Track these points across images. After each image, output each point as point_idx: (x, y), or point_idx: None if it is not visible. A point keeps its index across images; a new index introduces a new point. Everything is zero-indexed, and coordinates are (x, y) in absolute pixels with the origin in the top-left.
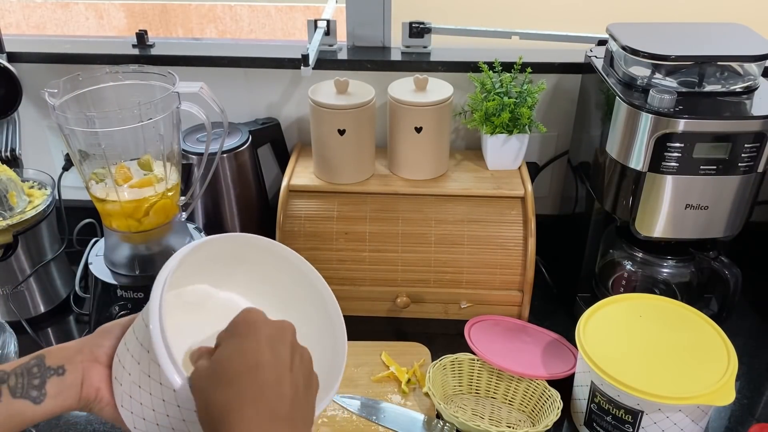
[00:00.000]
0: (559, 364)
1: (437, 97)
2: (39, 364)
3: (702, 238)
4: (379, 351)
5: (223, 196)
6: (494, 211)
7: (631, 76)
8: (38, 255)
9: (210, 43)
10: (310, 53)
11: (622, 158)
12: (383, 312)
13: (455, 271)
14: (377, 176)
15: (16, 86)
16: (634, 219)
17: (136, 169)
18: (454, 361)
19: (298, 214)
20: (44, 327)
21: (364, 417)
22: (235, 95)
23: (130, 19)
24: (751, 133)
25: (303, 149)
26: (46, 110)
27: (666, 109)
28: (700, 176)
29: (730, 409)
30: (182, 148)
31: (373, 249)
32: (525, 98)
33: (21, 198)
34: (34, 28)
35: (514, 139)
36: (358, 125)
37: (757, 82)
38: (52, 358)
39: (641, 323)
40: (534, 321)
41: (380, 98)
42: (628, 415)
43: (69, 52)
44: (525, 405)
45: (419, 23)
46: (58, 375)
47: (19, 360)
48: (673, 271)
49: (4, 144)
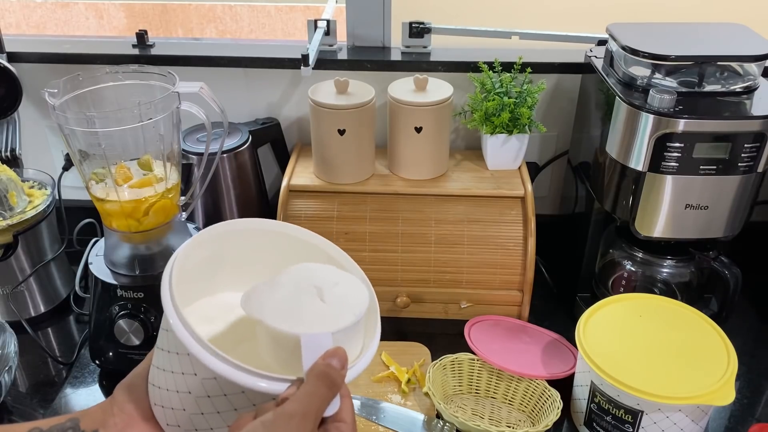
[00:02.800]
0: (559, 364)
1: (437, 97)
2: (74, 427)
3: (702, 238)
4: (379, 351)
5: (223, 196)
6: (494, 211)
7: (631, 76)
8: (38, 255)
9: (210, 43)
10: (310, 53)
11: (622, 158)
12: (383, 312)
13: (455, 271)
14: (377, 176)
15: (16, 86)
16: (634, 219)
17: (136, 169)
18: (454, 361)
19: (298, 214)
20: (44, 327)
21: (364, 417)
22: (235, 95)
23: (130, 19)
24: (751, 133)
25: (303, 149)
26: (46, 110)
27: (666, 109)
28: (700, 176)
29: (730, 409)
30: (182, 148)
31: (373, 249)
32: (525, 98)
33: (21, 198)
34: (34, 28)
35: (514, 139)
36: (358, 125)
37: (757, 82)
38: (87, 422)
39: (641, 323)
40: (534, 321)
41: (380, 98)
42: (628, 415)
43: (69, 52)
44: (525, 405)
45: (419, 23)
46: None
47: (52, 419)
48: (673, 271)
49: (4, 144)
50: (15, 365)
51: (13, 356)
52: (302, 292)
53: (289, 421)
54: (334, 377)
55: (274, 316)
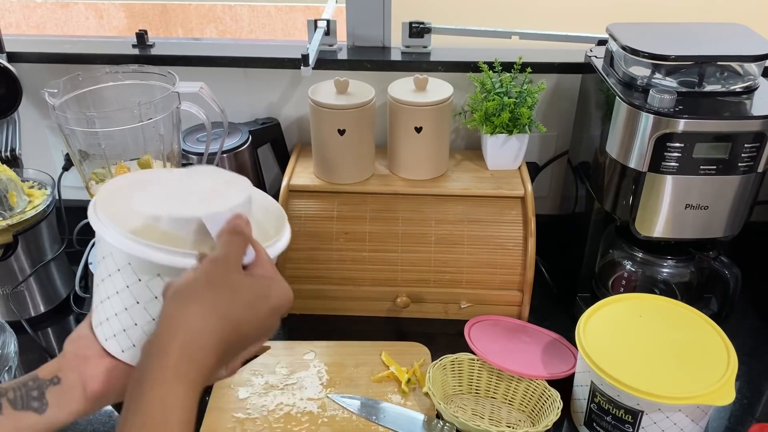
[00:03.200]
0: (559, 364)
1: (437, 97)
2: (34, 378)
3: (702, 238)
4: (379, 351)
5: None
6: (494, 211)
7: (631, 76)
8: (38, 255)
9: (210, 43)
10: (310, 53)
11: (622, 158)
12: (383, 312)
13: (455, 271)
14: (377, 176)
15: (16, 86)
16: (634, 219)
17: (136, 169)
18: (454, 361)
19: (298, 214)
20: (44, 327)
21: (364, 417)
22: (235, 95)
23: (130, 19)
24: (751, 133)
25: (303, 149)
26: (46, 110)
27: (666, 109)
28: (700, 176)
29: (730, 409)
30: (182, 148)
31: (373, 249)
32: (525, 98)
33: (21, 198)
34: (34, 28)
35: (514, 139)
36: (358, 125)
37: (757, 82)
38: (44, 372)
39: (641, 323)
40: (534, 321)
41: (380, 98)
42: (628, 415)
43: (69, 52)
44: (525, 405)
45: (419, 23)
46: (54, 384)
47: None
48: (673, 271)
49: (4, 144)
50: (15, 365)
51: (13, 356)
52: (193, 184)
53: (214, 264)
54: (242, 227)
55: (173, 208)
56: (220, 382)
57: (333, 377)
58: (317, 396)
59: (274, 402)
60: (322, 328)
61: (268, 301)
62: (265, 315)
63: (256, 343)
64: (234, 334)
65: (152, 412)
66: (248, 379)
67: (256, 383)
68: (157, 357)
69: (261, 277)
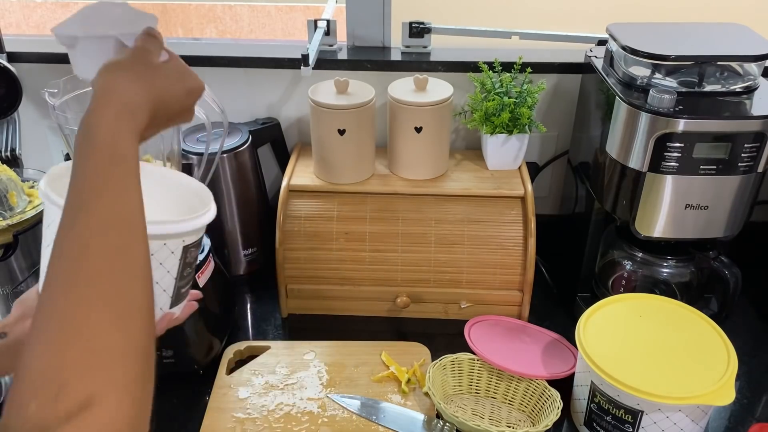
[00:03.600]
0: (559, 364)
1: (437, 97)
2: None
3: (702, 238)
4: (379, 351)
5: (223, 196)
6: (494, 211)
7: (631, 76)
8: (38, 255)
9: (210, 43)
10: (310, 53)
11: (622, 158)
12: (383, 312)
13: (455, 271)
14: (377, 176)
15: (16, 86)
16: (634, 219)
17: None
18: (454, 361)
19: (298, 214)
20: None
21: (364, 417)
22: (235, 95)
23: None
24: (751, 133)
25: (303, 149)
26: (46, 110)
27: (666, 109)
28: (700, 176)
29: (730, 409)
30: (182, 148)
31: (373, 249)
32: (525, 98)
33: (21, 198)
34: (34, 28)
35: (514, 139)
36: (358, 125)
37: (757, 82)
38: None
39: (641, 323)
40: (534, 321)
41: (380, 98)
42: (628, 415)
43: None
44: (525, 405)
45: (419, 23)
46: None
47: None
48: (673, 271)
49: (4, 144)
50: None
51: None
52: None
53: (135, 50)
54: (154, 32)
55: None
56: (220, 383)
57: (333, 377)
58: (317, 396)
59: (274, 402)
60: (322, 328)
61: (184, 81)
62: (183, 93)
63: (176, 118)
64: (159, 101)
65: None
66: (248, 379)
67: (256, 383)
68: (97, 114)
69: (177, 64)
